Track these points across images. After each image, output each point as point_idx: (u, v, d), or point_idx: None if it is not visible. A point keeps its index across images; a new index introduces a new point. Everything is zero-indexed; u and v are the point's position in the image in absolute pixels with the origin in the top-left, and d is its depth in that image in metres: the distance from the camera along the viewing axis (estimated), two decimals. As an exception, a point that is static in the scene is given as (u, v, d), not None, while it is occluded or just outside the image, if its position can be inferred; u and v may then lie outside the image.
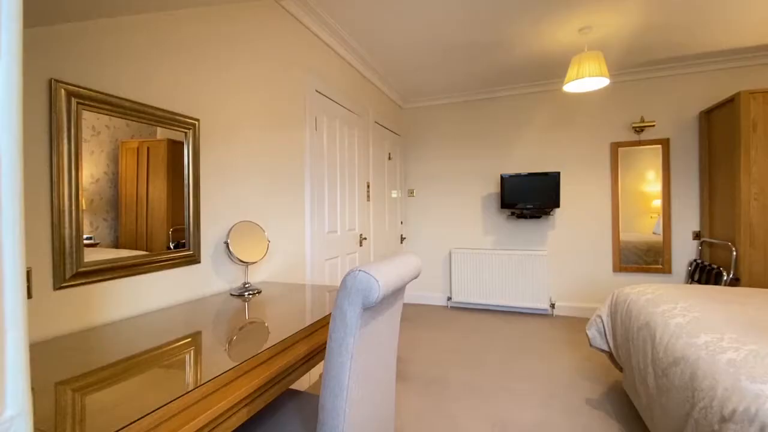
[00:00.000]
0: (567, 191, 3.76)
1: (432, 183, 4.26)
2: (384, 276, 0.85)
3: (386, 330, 1.07)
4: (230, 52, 1.77)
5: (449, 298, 4.09)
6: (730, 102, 2.89)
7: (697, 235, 3.41)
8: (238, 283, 1.76)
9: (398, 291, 1.09)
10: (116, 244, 1.29)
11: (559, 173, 3.58)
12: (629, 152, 3.61)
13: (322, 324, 1.25)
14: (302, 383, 2.27)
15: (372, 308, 0.91)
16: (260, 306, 1.44)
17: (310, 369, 1.16)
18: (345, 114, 2.89)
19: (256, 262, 1.74)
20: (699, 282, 3.17)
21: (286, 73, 2.19)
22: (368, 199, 3.30)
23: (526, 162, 3.91)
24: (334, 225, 2.68)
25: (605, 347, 2.10)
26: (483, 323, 3.50)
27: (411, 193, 4.33)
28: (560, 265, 3.79)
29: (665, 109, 3.49)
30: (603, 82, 2.62)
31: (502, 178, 3.76)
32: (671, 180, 3.49)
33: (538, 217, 3.76)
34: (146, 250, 1.39)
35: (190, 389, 0.75)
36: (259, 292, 1.63)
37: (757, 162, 2.74)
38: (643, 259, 3.63)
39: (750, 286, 2.76)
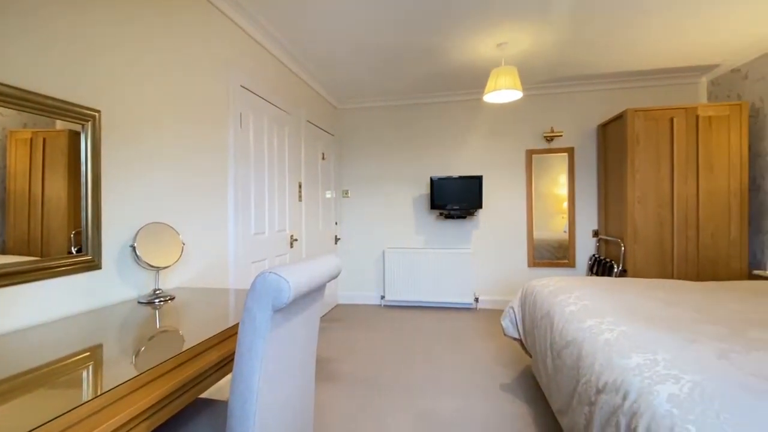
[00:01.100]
0: (489, 193, 4.06)
1: (367, 184, 4.31)
2: (295, 277, 0.86)
3: (303, 331, 1.08)
4: (142, 41, 1.63)
5: (383, 297, 4.18)
6: (620, 118, 3.34)
7: (595, 233, 3.89)
8: (148, 290, 1.62)
9: (314, 292, 1.09)
10: (3, 249, 1.13)
11: (481, 177, 3.85)
12: (542, 159, 4.00)
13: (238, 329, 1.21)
14: (224, 392, 2.17)
15: (284, 310, 0.91)
16: (172, 313, 1.35)
17: (224, 376, 1.12)
18: (275, 112, 2.81)
19: (168, 267, 1.62)
20: (597, 274, 3.62)
21: (207, 66, 2.07)
22: (300, 200, 3.25)
23: (454, 165, 4.13)
24: (261, 226, 2.59)
25: (516, 335, 2.31)
26: (414, 320, 3.63)
27: (345, 193, 4.34)
28: (483, 261, 4.07)
29: (571, 120, 3.92)
30: (517, 94, 2.88)
31: (431, 180, 3.94)
32: (576, 184, 3.94)
33: (464, 217, 4.00)
34: (40, 256, 1.23)
35: (74, 406, 0.69)
36: (171, 299, 1.53)
37: (640, 170, 3.20)
38: (554, 254, 4.04)
39: (634, 276, 3.21)
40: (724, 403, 0.86)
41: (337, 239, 4.19)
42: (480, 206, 3.89)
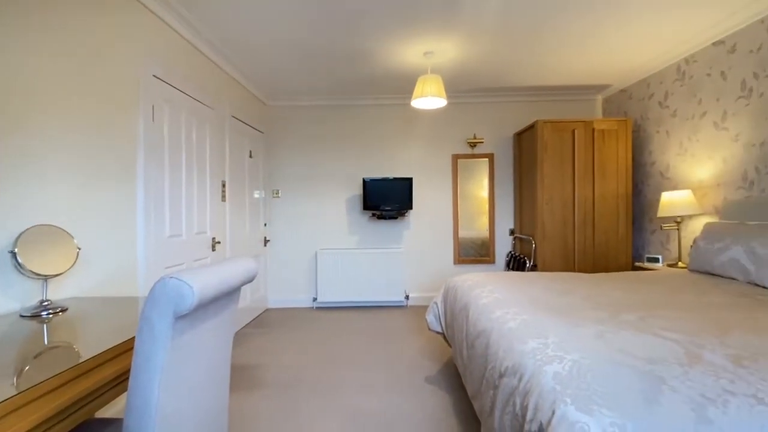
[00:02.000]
0: (419, 195, 4.22)
1: (298, 184, 4.23)
2: (200, 282, 0.82)
3: (213, 338, 1.03)
4: (36, 20, 1.42)
5: (315, 299, 4.12)
6: (532, 128, 3.70)
7: (512, 232, 4.25)
8: (33, 302, 1.43)
9: (225, 297, 1.05)
10: None
11: (411, 179, 4.00)
12: (467, 163, 4.27)
13: (142, 339, 1.12)
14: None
15: (189, 316, 0.86)
16: (62, 327, 1.20)
17: (122, 393, 1.03)
18: (194, 105, 2.63)
19: (59, 275, 1.44)
20: (513, 269, 3.96)
21: (113, 51, 1.88)
22: (224, 200, 3.08)
23: (386, 167, 4.23)
24: (178, 228, 2.41)
25: (440, 329, 2.44)
26: (345, 320, 3.64)
27: (276, 193, 4.21)
28: (413, 260, 4.23)
29: (491, 128, 4.24)
30: (441, 102, 3.04)
31: (364, 181, 3.99)
32: (495, 187, 4.27)
33: (396, 218, 4.12)
34: None
35: None
36: (63, 311, 1.36)
37: (548, 175, 3.57)
38: (478, 252, 4.34)
39: (544, 270, 3.57)
40: (595, 375, 1.01)
41: (266, 241, 4.05)
42: (411, 207, 4.03)
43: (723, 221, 2.47)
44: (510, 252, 4.17)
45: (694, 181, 2.98)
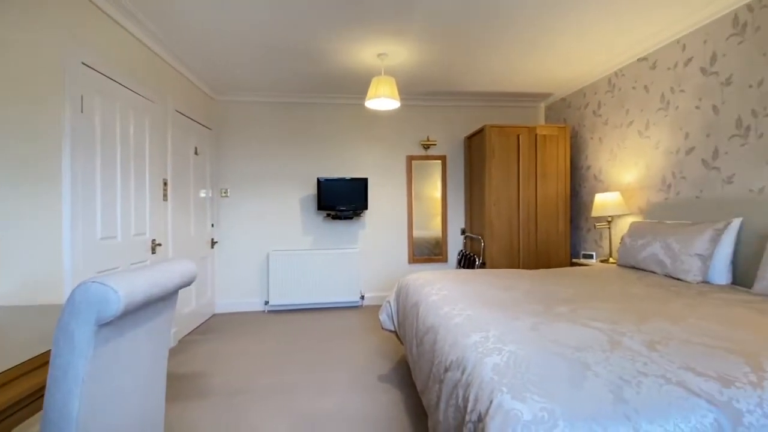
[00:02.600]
0: (374, 195, 4.25)
1: (249, 183, 4.08)
2: (128, 286, 0.77)
3: (147, 346, 0.97)
4: None
5: (267, 302, 4.00)
6: (481, 132, 3.86)
7: (463, 232, 4.41)
8: (-70, 314, 1.25)
9: (160, 301, 0.99)
10: None
11: (367, 179, 4.01)
12: (421, 164, 4.36)
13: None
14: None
15: (116, 323, 0.81)
16: (-36, 340, 1.07)
17: (40, 410, 0.93)
18: (131, 97, 2.45)
19: (-37, 282, 1.28)
20: (464, 267, 4.10)
21: (29, 35, 1.69)
22: (165, 199, 2.90)
23: (341, 167, 4.21)
24: (112, 229, 2.23)
25: (392, 328, 2.47)
26: (298, 323, 3.57)
27: (224, 192, 4.03)
28: (369, 260, 4.25)
29: (444, 131, 4.37)
30: (395, 104, 3.08)
31: (319, 181, 3.93)
32: (448, 188, 4.40)
33: (351, 218, 4.11)
34: None
35: None
36: (-33, 322, 1.20)
37: (495, 177, 3.75)
38: (432, 251, 4.44)
39: (492, 267, 3.74)
40: (529, 365, 1.08)
41: (213, 243, 3.86)
42: (366, 207, 4.04)
43: (646, 220, 2.74)
44: (461, 251, 4.32)
45: (622, 184, 3.27)
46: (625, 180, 3.25)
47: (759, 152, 2.19)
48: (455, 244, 4.41)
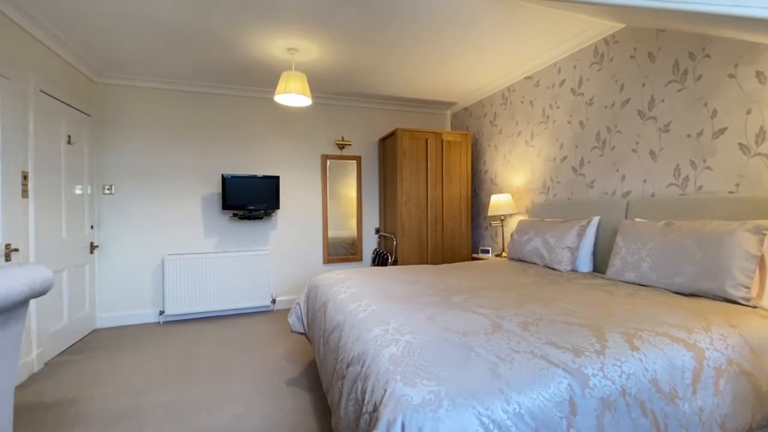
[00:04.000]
0: (286, 194, 4.11)
1: (140, 178, 3.62)
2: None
3: (-25, 368, 0.79)
4: None
5: (162, 313, 3.59)
6: (393, 135, 4.00)
7: (377, 231, 4.52)
8: None
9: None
10: None
11: (278, 177, 3.86)
12: (336, 164, 4.35)
13: None
14: None
15: None
16: None
17: None
18: (-29, 70, 1.99)
19: None
20: (378, 265, 4.20)
21: None
22: (25, 195, 2.42)
23: (249, 164, 3.98)
24: (-60, 231, 1.79)
25: (302, 330, 2.41)
26: (201, 332, 3.28)
27: (108, 189, 3.51)
28: (281, 262, 4.09)
29: (358, 132, 4.43)
30: (306, 101, 3.03)
31: (224, 178, 3.67)
32: (363, 188, 4.47)
33: (261, 218, 3.91)
34: None
35: None
36: None
37: (407, 178, 3.92)
38: (348, 251, 4.46)
39: (403, 264, 3.88)
40: (422, 352, 1.15)
41: (93, 247, 3.34)
42: (278, 207, 3.89)
43: (530, 219, 3.12)
44: (375, 249, 4.42)
45: (513, 186, 3.68)
46: (515, 183, 3.66)
47: (611, 162, 2.66)
48: (370, 243, 4.49)
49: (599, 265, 2.54)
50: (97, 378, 2.40)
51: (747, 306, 1.59)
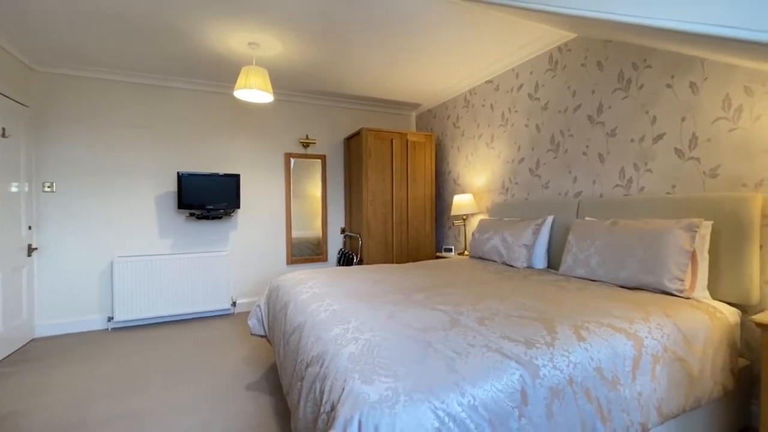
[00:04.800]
0: (247, 193, 3.99)
1: (86, 175, 3.37)
2: None
3: None
4: None
5: (111, 319, 3.37)
6: (358, 134, 3.99)
7: (343, 230, 4.49)
8: None
9: None
10: None
11: (239, 175, 3.74)
12: (301, 163, 4.28)
13: None
14: None
15: None
16: None
17: None
18: None
19: None
20: (343, 265, 4.17)
21: None
22: (-53, 193, 2.19)
23: (208, 161, 3.83)
24: None
25: (263, 332, 2.35)
26: (155, 339, 3.11)
27: (49, 186, 3.24)
28: (242, 263, 3.96)
29: (323, 131, 4.38)
30: (268, 97, 2.95)
31: (179, 176, 3.50)
32: (328, 188, 4.42)
33: (220, 217, 3.77)
34: None
35: None
36: None
37: (372, 178, 3.92)
38: (313, 251, 4.39)
39: (369, 263, 3.90)
40: (381, 349, 1.15)
41: (31, 249, 3.08)
42: (238, 206, 3.76)
43: (490, 218, 3.22)
44: (341, 249, 4.39)
45: (475, 187, 3.79)
46: (476, 184, 3.77)
47: (564, 164, 2.80)
48: (336, 243, 4.45)
49: (553, 262, 2.67)
50: (36, 390, 2.21)
51: (681, 297, 1.73)
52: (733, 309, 1.71)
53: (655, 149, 2.21)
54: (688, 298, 1.73)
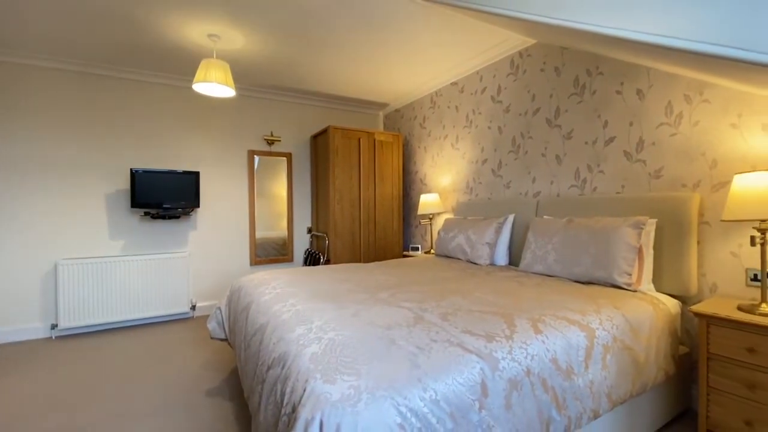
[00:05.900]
0: (208, 191, 3.83)
1: (24, 172, 3.10)
2: None
3: None
4: None
5: (55, 326, 3.12)
6: (325, 132, 3.94)
7: (309, 230, 4.42)
8: None
9: None
10: None
11: (198, 173, 3.58)
12: (265, 161, 4.16)
13: None
14: None
15: None
16: None
17: None
18: None
19: None
20: (309, 265, 4.10)
21: None
22: None
23: (164, 157, 3.63)
24: None
25: (223, 336, 2.26)
26: (105, 347, 2.91)
27: (-19, 183, 2.96)
28: (202, 264, 3.80)
29: (289, 128, 4.28)
30: (229, 91, 2.85)
31: (133, 173, 3.30)
32: (294, 187, 4.33)
33: (178, 217, 3.59)
34: None
35: None
36: None
37: (339, 177, 3.89)
38: (279, 251, 4.29)
39: (336, 263, 3.85)
40: (344, 348, 1.14)
41: (-40, 252, 2.79)
42: (198, 205, 3.60)
43: (455, 217, 3.29)
44: (307, 249, 4.32)
45: (440, 186, 3.86)
46: (442, 183, 3.83)
47: (525, 165, 2.91)
48: (302, 243, 4.37)
49: (514, 259, 2.76)
50: (-39, 409, 2.00)
51: (629, 290, 1.85)
52: (674, 300, 1.84)
53: (606, 152, 2.34)
54: (635, 291, 1.85)
